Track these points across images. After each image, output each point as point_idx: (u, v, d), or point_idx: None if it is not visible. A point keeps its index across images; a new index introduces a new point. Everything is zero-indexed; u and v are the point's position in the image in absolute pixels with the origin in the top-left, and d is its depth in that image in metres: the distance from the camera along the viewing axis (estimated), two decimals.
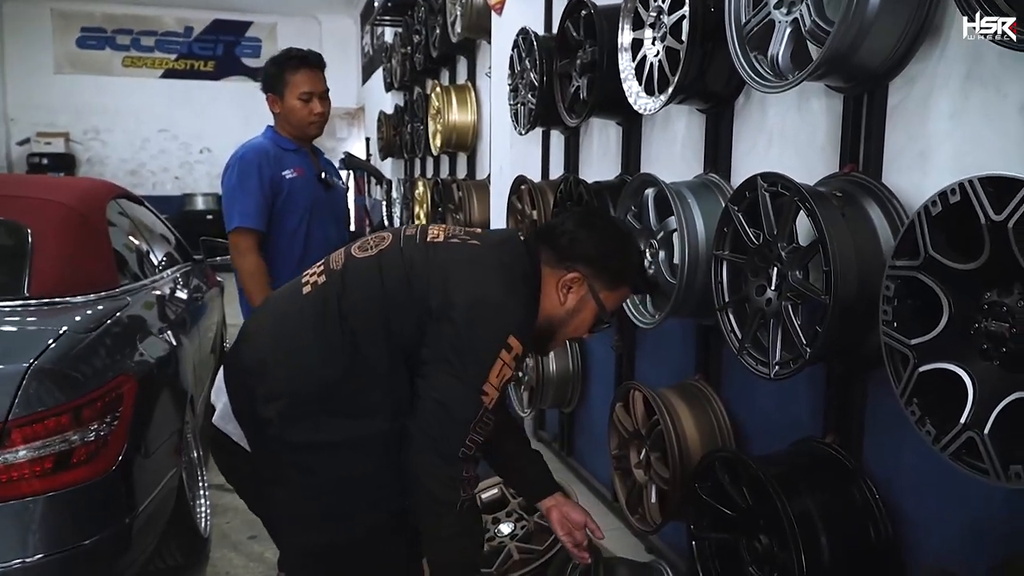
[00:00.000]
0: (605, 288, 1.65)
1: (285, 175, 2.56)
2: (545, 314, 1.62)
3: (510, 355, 1.44)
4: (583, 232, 1.64)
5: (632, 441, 2.65)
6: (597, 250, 1.63)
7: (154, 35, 12.54)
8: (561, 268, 1.62)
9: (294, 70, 2.59)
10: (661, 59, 2.39)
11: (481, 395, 1.42)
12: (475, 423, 1.43)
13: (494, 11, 4.45)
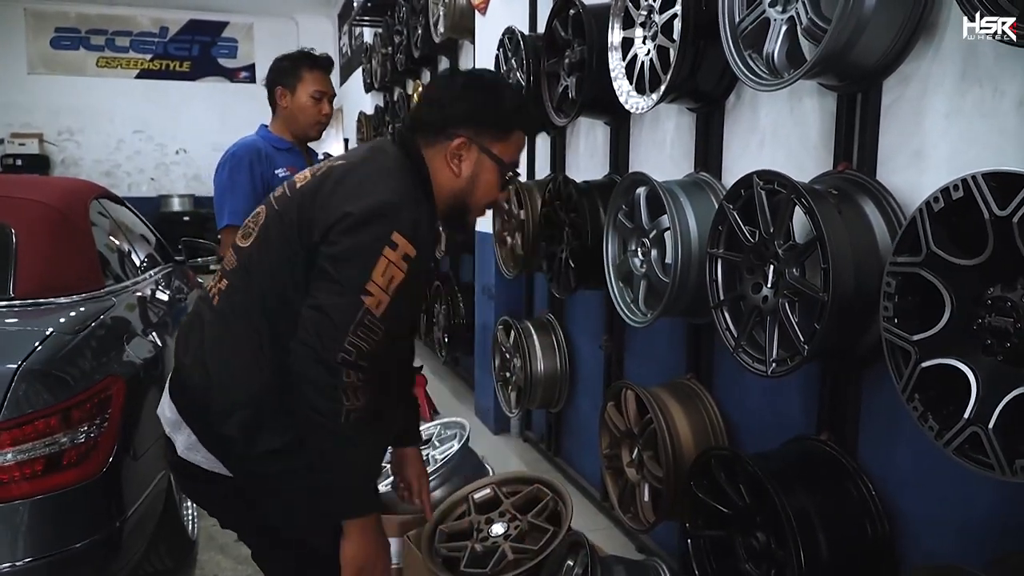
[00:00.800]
0: (494, 140, 1.58)
1: (278, 173, 2.55)
2: (447, 192, 1.57)
3: (396, 253, 1.38)
4: (448, 94, 1.58)
5: (624, 440, 2.65)
6: (470, 105, 1.56)
7: (129, 35, 12.37)
8: (443, 140, 1.56)
9: (309, 68, 2.60)
10: (652, 58, 2.40)
11: (362, 295, 1.36)
12: (355, 326, 1.35)
13: (478, 11, 4.44)
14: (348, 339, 1.35)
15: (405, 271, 1.39)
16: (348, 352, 1.35)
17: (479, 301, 4.64)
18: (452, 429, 3.16)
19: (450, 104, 1.55)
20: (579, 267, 2.92)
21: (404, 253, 1.39)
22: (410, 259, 1.39)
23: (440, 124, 1.55)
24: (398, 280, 1.38)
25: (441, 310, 5.25)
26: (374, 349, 1.38)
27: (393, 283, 1.38)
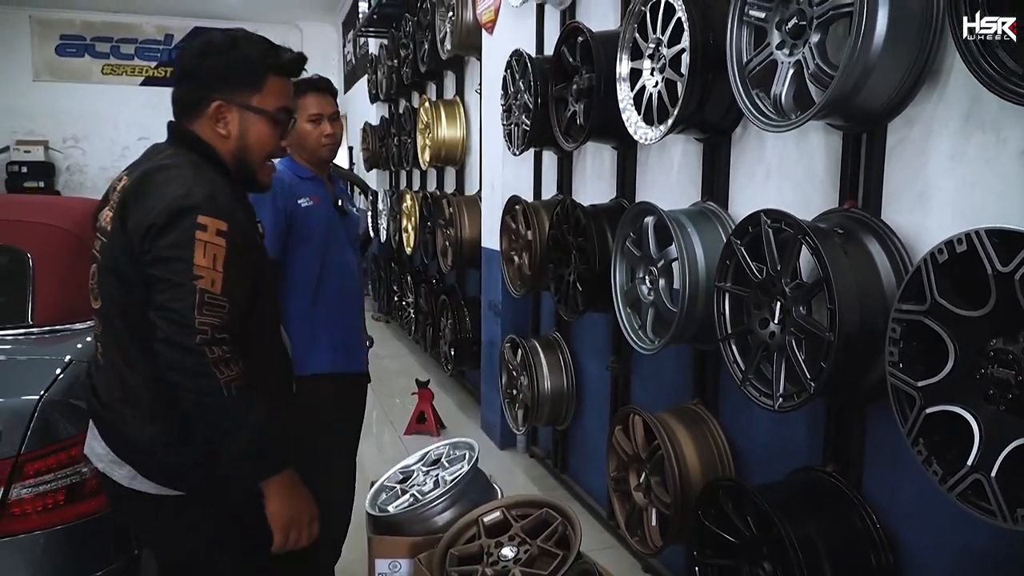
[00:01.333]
0: (249, 92, 1.63)
1: (300, 203, 2.55)
2: (228, 156, 1.64)
3: (208, 233, 1.45)
4: (190, 66, 1.63)
5: (632, 464, 2.69)
6: (212, 68, 1.60)
7: (134, 43, 12.42)
8: (202, 111, 1.61)
9: (302, 94, 2.59)
10: (660, 90, 2.44)
11: (194, 281, 1.43)
12: (198, 308, 1.42)
13: (485, 30, 4.48)
14: (198, 321, 1.42)
15: (226, 244, 1.47)
16: (203, 332, 1.42)
17: (485, 317, 4.68)
18: (461, 450, 3.20)
19: (194, 75, 1.62)
20: (587, 291, 2.96)
21: (216, 229, 1.47)
22: (224, 232, 1.47)
23: (195, 97, 1.62)
24: (222, 254, 1.47)
25: (447, 324, 5.30)
26: (226, 322, 1.45)
27: (219, 259, 1.46)
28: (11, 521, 1.92)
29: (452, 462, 3.21)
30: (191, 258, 1.43)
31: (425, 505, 2.64)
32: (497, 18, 4.28)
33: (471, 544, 2.51)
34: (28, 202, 3.36)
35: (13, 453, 1.92)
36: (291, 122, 1.71)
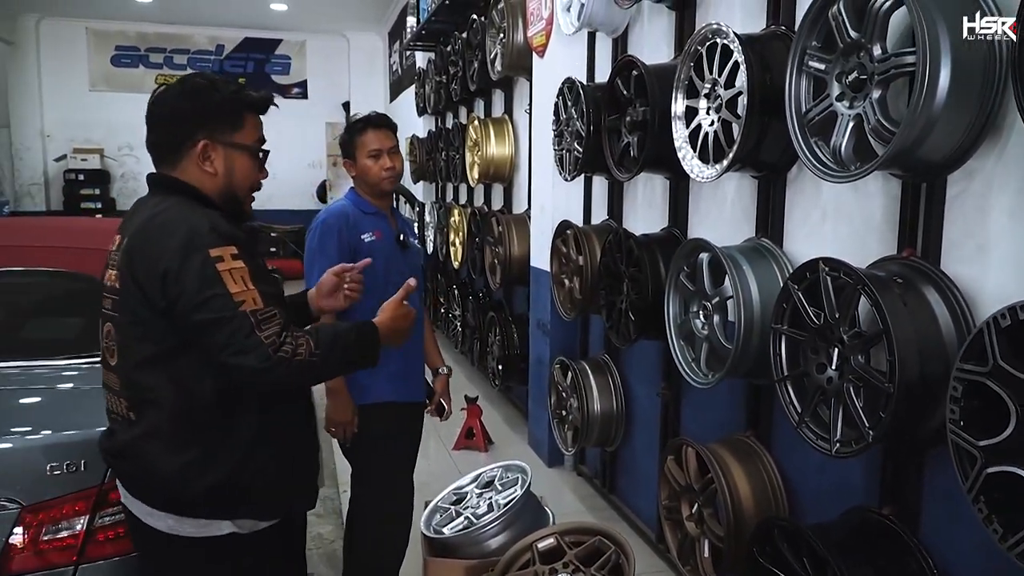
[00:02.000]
0: (231, 131, 1.71)
1: (364, 238, 2.66)
2: (215, 193, 1.71)
3: (226, 261, 1.54)
4: (168, 112, 1.68)
5: (683, 494, 2.73)
6: (193, 112, 1.67)
7: (186, 53, 12.76)
8: (187, 151, 1.68)
9: (361, 132, 2.72)
10: (717, 130, 2.48)
11: (239, 308, 1.52)
12: (257, 327, 1.52)
13: (536, 53, 4.55)
14: (263, 337, 1.52)
15: (245, 262, 1.57)
16: (272, 343, 1.53)
17: (533, 335, 4.75)
18: (514, 473, 3.26)
19: (174, 120, 1.68)
20: (639, 320, 3.01)
21: (230, 253, 1.56)
22: (237, 253, 1.57)
23: (178, 139, 1.68)
24: (247, 272, 1.56)
25: (495, 340, 5.37)
26: (283, 323, 1.57)
27: (246, 278, 1.56)
28: (96, 547, 2.03)
29: (505, 485, 3.28)
30: (226, 290, 1.53)
31: (479, 528, 2.70)
32: (548, 42, 4.34)
33: (526, 570, 2.57)
34: (97, 228, 3.49)
35: (97, 483, 2.04)
36: (266, 154, 1.80)
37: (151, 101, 1.71)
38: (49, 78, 12.08)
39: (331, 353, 1.63)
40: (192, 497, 1.64)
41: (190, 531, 1.66)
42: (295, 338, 1.57)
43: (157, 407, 1.64)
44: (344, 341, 1.67)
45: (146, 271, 1.58)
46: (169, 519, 1.66)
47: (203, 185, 1.71)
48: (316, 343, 1.60)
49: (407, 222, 3.05)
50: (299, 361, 1.56)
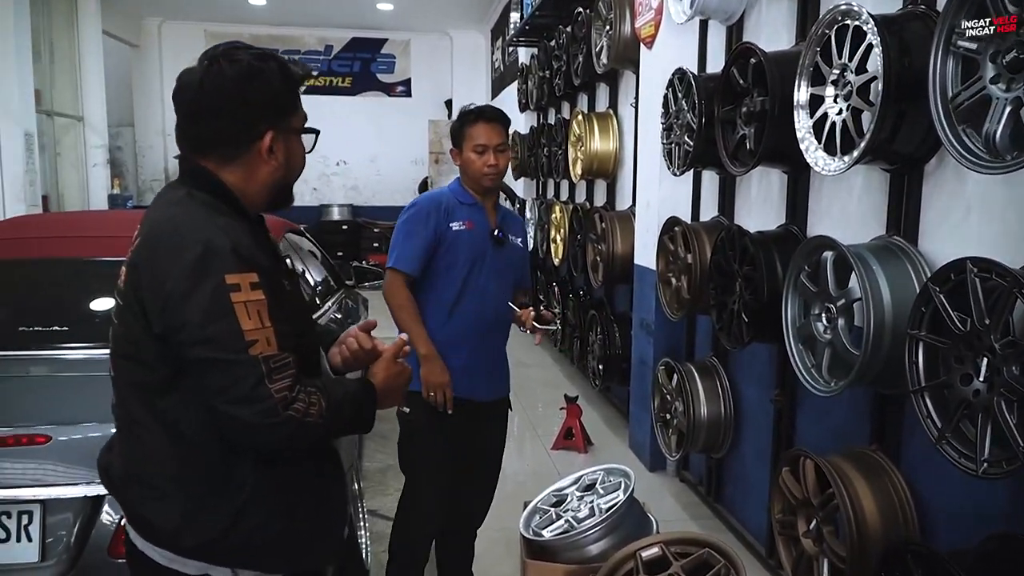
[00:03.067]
0: (290, 114, 1.48)
1: (452, 226, 2.63)
2: (272, 184, 1.49)
3: (243, 291, 1.29)
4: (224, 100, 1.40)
5: (800, 509, 2.56)
6: (257, 98, 1.41)
7: (297, 53, 13.11)
8: (248, 145, 1.43)
9: (472, 123, 2.66)
10: (845, 119, 2.30)
11: (249, 350, 1.27)
12: (267, 376, 1.28)
13: (644, 45, 4.41)
14: (273, 391, 1.29)
15: (264, 293, 1.32)
16: (283, 399, 1.30)
17: (636, 335, 4.62)
18: (616, 477, 3.15)
19: (234, 109, 1.41)
20: (753, 321, 2.85)
21: (250, 282, 1.31)
22: (256, 282, 1.32)
23: (236, 133, 1.43)
24: (264, 307, 1.31)
25: (596, 339, 5.26)
26: (297, 375, 1.33)
27: (263, 314, 1.31)
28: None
29: (607, 489, 3.18)
30: (237, 327, 1.28)
31: (580, 533, 2.62)
32: (657, 33, 4.20)
33: None
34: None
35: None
36: (317, 134, 1.57)
37: (194, 86, 1.40)
38: (170, 79, 12.46)
39: (337, 416, 1.40)
40: (184, 548, 1.41)
41: (191, 569, 1.44)
42: (307, 394, 1.33)
43: (141, 444, 1.42)
44: (351, 403, 1.45)
45: (149, 286, 1.33)
46: (165, 553, 1.44)
47: (257, 179, 1.47)
48: (327, 404, 1.36)
49: (517, 220, 2.96)
50: (309, 423, 1.32)
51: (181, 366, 1.34)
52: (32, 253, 2.83)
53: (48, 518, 2.00)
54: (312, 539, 1.51)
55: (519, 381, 6.42)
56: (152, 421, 1.39)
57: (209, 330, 1.28)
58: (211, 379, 1.30)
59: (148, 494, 1.42)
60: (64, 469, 2.02)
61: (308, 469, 1.51)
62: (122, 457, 1.47)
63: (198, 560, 1.42)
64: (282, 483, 1.45)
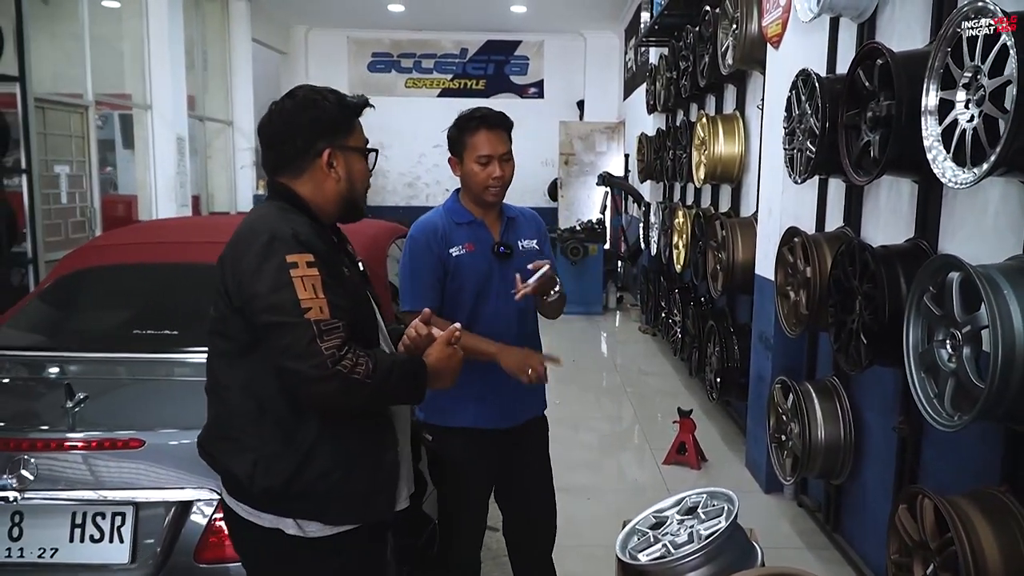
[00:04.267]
0: (347, 136, 1.77)
1: (452, 252, 2.44)
2: (338, 197, 1.76)
3: (300, 268, 1.57)
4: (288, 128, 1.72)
5: (917, 551, 2.34)
6: (312, 123, 1.71)
7: (433, 57, 13.46)
8: (310, 161, 1.73)
9: (473, 132, 2.41)
10: (977, 126, 2.08)
11: (305, 315, 1.54)
12: (319, 336, 1.53)
13: (770, 44, 4.19)
14: (324, 348, 1.53)
15: (319, 271, 1.59)
16: (331, 356, 1.53)
17: (755, 349, 4.40)
18: (720, 501, 3.00)
19: (295, 133, 1.72)
20: (872, 343, 2.64)
21: (306, 261, 1.59)
22: (312, 261, 1.59)
23: (299, 152, 1.73)
24: (319, 282, 1.58)
25: (714, 351, 5.07)
26: (346, 338, 1.57)
27: (318, 287, 1.58)
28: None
29: (709, 515, 3.03)
30: (295, 296, 1.55)
31: (677, 560, 2.51)
32: (784, 31, 3.98)
33: None
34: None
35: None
36: (375, 153, 1.87)
37: (265, 120, 1.76)
38: (316, 83, 13.21)
39: (385, 381, 1.62)
40: (256, 494, 1.67)
41: (265, 521, 1.70)
42: (356, 355, 1.57)
43: (224, 405, 1.71)
44: (399, 372, 1.67)
45: (232, 268, 1.65)
46: (243, 506, 1.72)
47: (324, 192, 1.76)
48: (374, 366, 1.59)
49: (528, 221, 2.64)
50: (355, 379, 1.55)
51: (256, 335, 1.62)
52: (148, 258, 3.00)
53: (140, 520, 2.09)
54: (368, 495, 1.73)
55: (638, 389, 6.32)
56: (234, 384, 1.69)
57: (272, 298, 1.57)
58: (276, 339, 1.57)
59: (229, 447, 1.70)
60: (156, 473, 2.11)
61: (366, 433, 1.74)
62: (210, 421, 1.77)
63: (268, 511, 1.68)
64: (342, 442, 1.69)
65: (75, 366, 2.56)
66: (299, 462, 1.65)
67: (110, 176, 8.85)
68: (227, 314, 1.67)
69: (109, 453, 2.11)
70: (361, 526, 1.75)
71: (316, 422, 1.66)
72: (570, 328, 8.56)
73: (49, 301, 2.99)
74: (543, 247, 2.61)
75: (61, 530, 2.10)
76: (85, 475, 2.12)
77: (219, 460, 1.74)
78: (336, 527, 1.71)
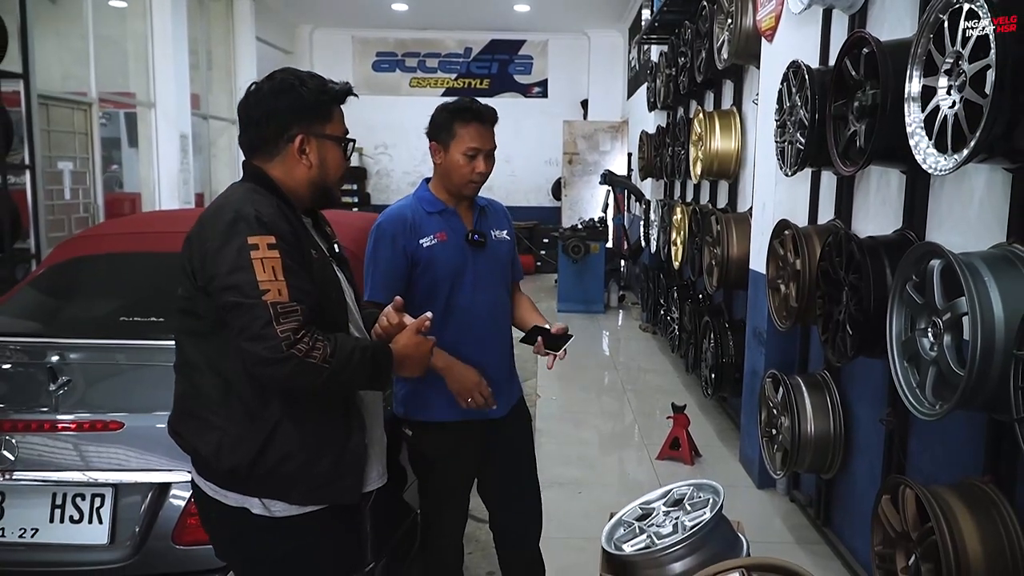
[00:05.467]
0: (323, 124, 1.76)
1: (423, 243, 2.36)
2: (308, 183, 1.77)
3: (261, 250, 1.57)
4: (262, 110, 1.72)
5: (899, 542, 2.33)
6: (286, 106, 1.71)
7: (438, 57, 13.47)
8: (284, 145, 1.73)
9: (465, 123, 2.34)
10: (958, 112, 2.07)
11: (263, 296, 1.54)
12: (275, 319, 1.54)
13: (764, 37, 4.18)
14: (279, 331, 1.54)
15: (280, 253, 1.59)
16: (286, 339, 1.54)
17: (749, 344, 4.39)
18: (706, 493, 2.99)
19: (269, 117, 1.72)
20: (857, 334, 2.63)
21: (267, 243, 1.59)
22: (274, 244, 1.59)
23: (274, 134, 1.73)
24: (280, 264, 1.58)
25: (709, 347, 5.06)
26: (304, 322, 1.57)
27: (277, 269, 1.58)
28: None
29: (695, 506, 3.02)
30: (253, 276, 1.56)
31: (662, 549, 2.50)
32: (778, 25, 3.97)
33: None
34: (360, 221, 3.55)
35: None
36: (352, 144, 1.84)
37: (243, 101, 1.76)
38: None
39: (345, 366, 1.61)
40: (221, 473, 1.69)
41: (231, 500, 1.71)
42: (313, 339, 1.57)
43: (192, 383, 1.72)
44: (360, 357, 1.65)
45: (196, 247, 1.65)
46: (210, 485, 1.73)
47: (295, 177, 1.76)
48: (332, 351, 1.59)
49: (497, 210, 2.60)
50: (310, 363, 1.56)
51: (220, 315, 1.62)
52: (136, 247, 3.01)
53: (119, 502, 2.11)
54: (333, 478, 1.73)
55: (636, 386, 6.31)
56: (201, 362, 1.70)
57: (232, 278, 1.57)
58: (234, 320, 1.58)
59: (196, 425, 1.71)
60: (135, 455, 2.13)
61: (330, 416, 1.74)
62: (177, 398, 1.78)
63: (233, 491, 1.70)
64: (305, 424, 1.69)
65: (62, 352, 2.57)
66: (263, 442, 1.66)
67: (115, 174, 8.89)
68: (191, 292, 1.68)
69: (89, 435, 2.12)
70: (327, 507, 1.75)
71: (279, 403, 1.66)
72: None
73: (40, 289, 3.01)
74: (512, 237, 2.59)
75: (42, 511, 2.12)
76: (66, 456, 2.13)
77: (186, 439, 1.74)
78: (301, 507, 1.71)
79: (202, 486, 1.75)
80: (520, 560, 2.73)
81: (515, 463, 2.63)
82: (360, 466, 1.80)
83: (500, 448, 2.56)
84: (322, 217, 1.94)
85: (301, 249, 1.68)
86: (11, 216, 5.47)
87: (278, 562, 1.74)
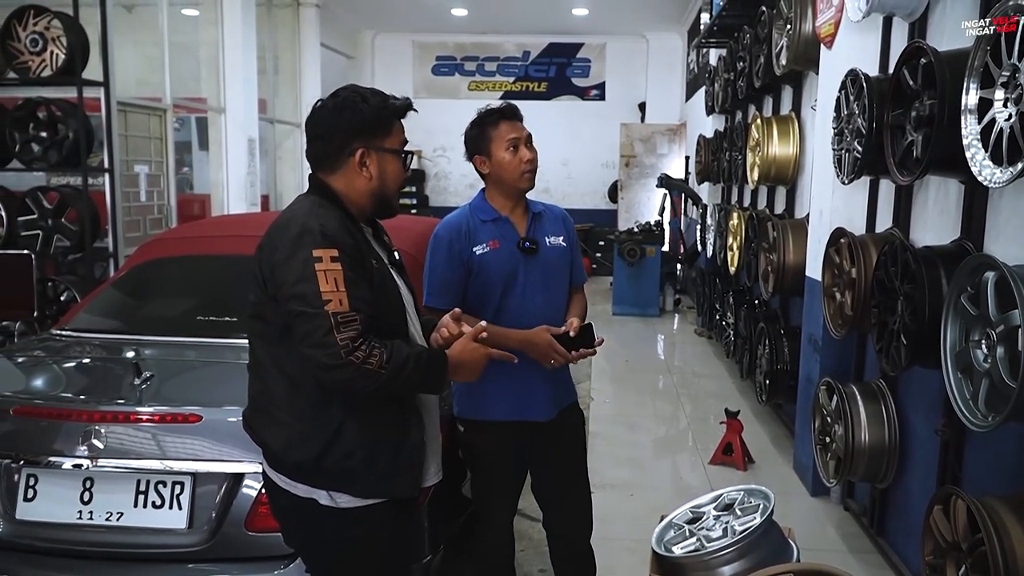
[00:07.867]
0: (383, 137, 1.86)
1: (476, 251, 2.44)
2: (369, 195, 1.88)
3: (325, 262, 1.69)
4: (326, 125, 1.84)
5: (950, 552, 2.34)
6: (348, 123, 1.82)
7: (496, 60, 13.60)
8: (344, 159, 1.84)
9: (494, 124, 2.44)
10: (1014, 125, 2.08)
11: (324, 307, 1.66)
12: (336, 327, 1.65)
13: (823, 44, 4.17)
14: (339, 339, 1.65)
15: (342, 265, 1.70)
16: (345, 346, 1.65)
17: (804, 351, 4.38)
18: (757, 498, 3.02)
19: (333, 132, 1.84)
20: (911, 344, 2.64)
21: (331, 256, 1.70)
22: (336, 256, 1.71)
23: (336, 149, 1.84)
24: (341, 276, 1.69)
25: (764, 353, 5.05)
26: (363, 330, 1.68)
27: (339, 281, 1.69)
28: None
29: (745, 511, 3.05)
30: (316, 287, 1.67)
31: (711, 553, 2.54)
32: (837, 32, 3.96)
33: None
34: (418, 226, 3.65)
35: None
36: (411, 156, 1.97)
37: (309, 117, 1.89)
38: (381, 86, 13.22)
39: (400, 371, 1.72)
40: (289, 466, 1.82)
41: (300, 491, 1.83)
42: (370, 346, 1.69)
43: (263, 383, 1.86)
44: (415, 363, 1.76)
45: (267, 257, 1.78)
46: (280, 476, 1.86)
47: (356, 189, 1.88)
48: (388, 357, 1.70)
49: (554, 216, 2.64)
50: (367, 369, 1.67)
51: (287, 321, 1.74)
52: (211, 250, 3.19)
53: (197, 489, 2.26)
54: (393, 473, 1.86)
55: (689, 391, 6.32)
56: (270, 364, 1.83)
57: (297, 288, 1.70)
58: (298, 327, 1.70)
59: (266, 421, 1.85)
60: (212, 446, 2.28)
61: (390, 416, 1.86)
62: (251, 396, 1.91)
63: (302, 483, 1.82)
64: (366, 423, 1.81)
65: (144, 348, 2.75)
66: (327, 440, 1.78)
67: (187, 176, 9.25)
68: (262, 299, 1.81)
69: (170, 427, 2.28)
70: (388, 500, 1.87)
71: (341, 404, 1.78)
72: (625, 330, 8.58)
73: (122, 289, 3.20)
74: (570, 243, 2.63)
75: (127, 496, 2.28)
76: (149, 446, 2.29)
77: (258, 432, 1.89)
78: (366, 499, 1.84)
79: (273, 477, 1.89)
80: (571, 559, 2.80)
81: (566, 465, 2.69)
82: (418, 462, 1.92)
83: (551, 449, 2.63)
84: (381, 227, 2.05)
85: (362, 261, 1.79)
86: (91, 217, 5.74)
87: (344, 545, 1.86)
